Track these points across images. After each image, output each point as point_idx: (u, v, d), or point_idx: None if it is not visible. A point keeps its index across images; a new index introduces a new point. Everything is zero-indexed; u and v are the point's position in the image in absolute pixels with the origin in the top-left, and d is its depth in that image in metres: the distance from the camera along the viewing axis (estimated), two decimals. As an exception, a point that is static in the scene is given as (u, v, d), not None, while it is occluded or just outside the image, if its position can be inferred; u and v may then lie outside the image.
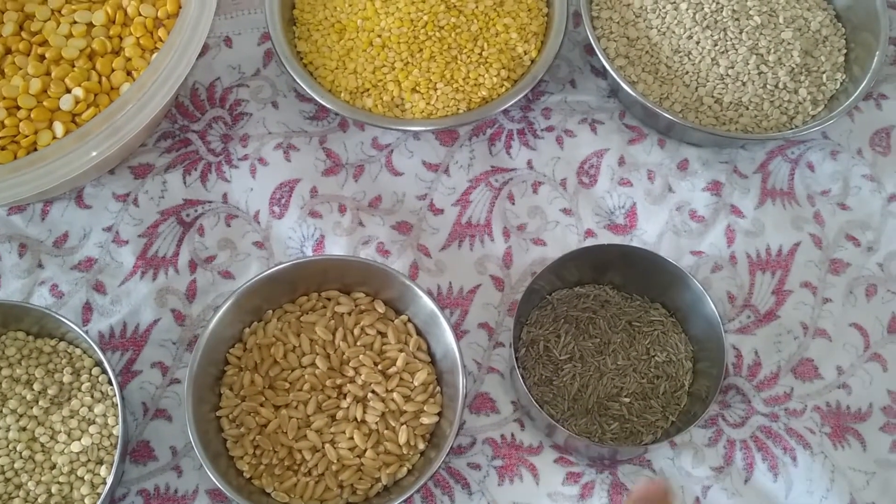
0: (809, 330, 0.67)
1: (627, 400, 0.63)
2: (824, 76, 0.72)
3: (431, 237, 0.70)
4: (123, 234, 0.68)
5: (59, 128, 0.62)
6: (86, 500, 0.58)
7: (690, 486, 0.62)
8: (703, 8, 0.71)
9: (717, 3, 0.71)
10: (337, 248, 0.68)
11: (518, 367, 0.61)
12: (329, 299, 0.65)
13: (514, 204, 0.71)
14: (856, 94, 0.69)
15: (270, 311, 0.64)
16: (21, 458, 0.59)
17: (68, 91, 0.63)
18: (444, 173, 0.72)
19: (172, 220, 0.69)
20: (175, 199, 0.70)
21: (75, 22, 0.66)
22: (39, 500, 0.58)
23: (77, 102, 0.63)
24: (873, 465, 0.63)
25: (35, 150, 0.62)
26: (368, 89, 0.70)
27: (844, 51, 0.74)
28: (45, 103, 0.63)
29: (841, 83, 0.72)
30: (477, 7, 0.71)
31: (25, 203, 0.69)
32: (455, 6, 0.71)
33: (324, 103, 0.68)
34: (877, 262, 0.70)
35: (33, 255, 0.68)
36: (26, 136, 0.62)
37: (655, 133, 0.73)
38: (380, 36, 0.70)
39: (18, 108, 0.63)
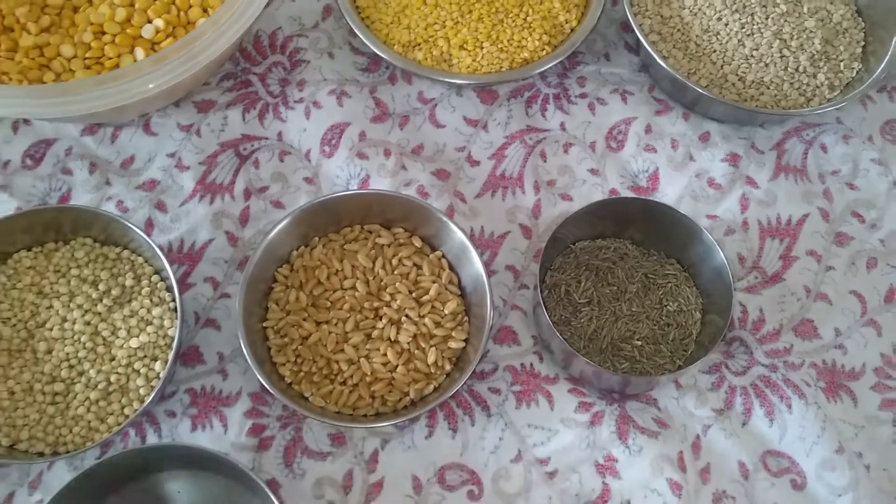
0: (812, 293, 0.72)
1: (639, 343, 0.68)
2: (842, 64, 0.77)
3: (468, 185, 0.75)
4: (185, 161, 0.74)
5: (139, 53, 0.68)
6: (140, 391, 0.63)
7: (692, 424, 0.67)
8: (733, -7, 0.77)
9: (747, -11, 0.76)
10: (380, 187, 0.73)
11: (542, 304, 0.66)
12: (371, 232, 0.70)
13: (545, 161, 0.76)
14: (869, 82, 0.75)
15: (317, 238, 0.70)
16: (84, 348, 0.64)
17: (150, 22, 0.69)
18: (482, 129, 0.77)
19: (231, 152, 0.75)
20: (234, 133, 0.76)
21: (158, -40, 0.72)
22: (99, 387, 0.63)
23: (157, 32, 0.69)
24: (862, 420, 0.68)
25: (117, 70, 0.68)
26: (420, 44, 0.75)
27: (863, 43, 0.79)
28: (128, 31, 0.68)
29: (857, 72, 0.77)
30: (523, -24, 0.77)
31: (99, 124, 0.74)
32: (503, -27, 0.76)
33: (378, 52, 0.74)
34: (879, 238, 0.75)
35: (102, 174, 0.73)
36: (110, 59, 0.68)
37: (681, 107, 0.79)
38: (433, -4, 0.76)
39: (104, 33, 0.68)
